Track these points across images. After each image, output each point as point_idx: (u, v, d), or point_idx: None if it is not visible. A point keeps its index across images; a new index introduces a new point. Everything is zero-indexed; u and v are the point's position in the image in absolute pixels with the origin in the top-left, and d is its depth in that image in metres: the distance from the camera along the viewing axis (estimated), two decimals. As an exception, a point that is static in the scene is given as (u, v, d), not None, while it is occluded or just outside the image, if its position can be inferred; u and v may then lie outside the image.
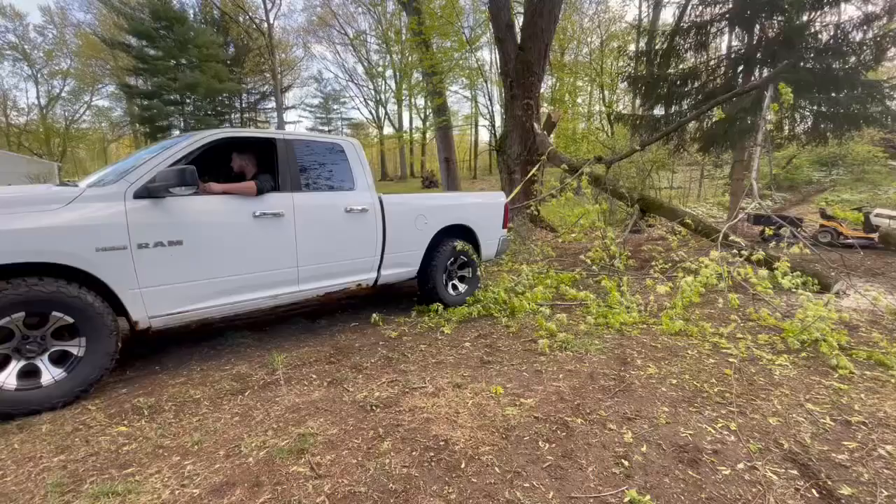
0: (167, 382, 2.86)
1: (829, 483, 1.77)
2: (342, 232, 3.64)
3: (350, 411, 2.41)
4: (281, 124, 34.27)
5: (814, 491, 1.73)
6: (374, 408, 2.44)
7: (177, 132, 35.42)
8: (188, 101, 33.71)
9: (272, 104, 42.98)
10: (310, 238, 3.41)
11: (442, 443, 2.08)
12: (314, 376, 2.89)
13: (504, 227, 5.04)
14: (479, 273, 4.77)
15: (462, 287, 4.65)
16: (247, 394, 2.67)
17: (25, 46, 37.59)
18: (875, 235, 7.86)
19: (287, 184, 3.38)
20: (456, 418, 2.31)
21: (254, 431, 2.23)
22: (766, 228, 8.69)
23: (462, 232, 4.62)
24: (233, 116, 43.74)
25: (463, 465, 1.91)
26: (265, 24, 32.50)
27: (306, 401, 2.55)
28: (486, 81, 23.22)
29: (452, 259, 4.50)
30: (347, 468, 1.91)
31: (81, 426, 2.32)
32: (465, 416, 2.33)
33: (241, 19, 36.84)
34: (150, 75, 32.22)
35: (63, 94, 40.99)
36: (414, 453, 2.01)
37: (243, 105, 44.85)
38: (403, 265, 4.13)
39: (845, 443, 2.05)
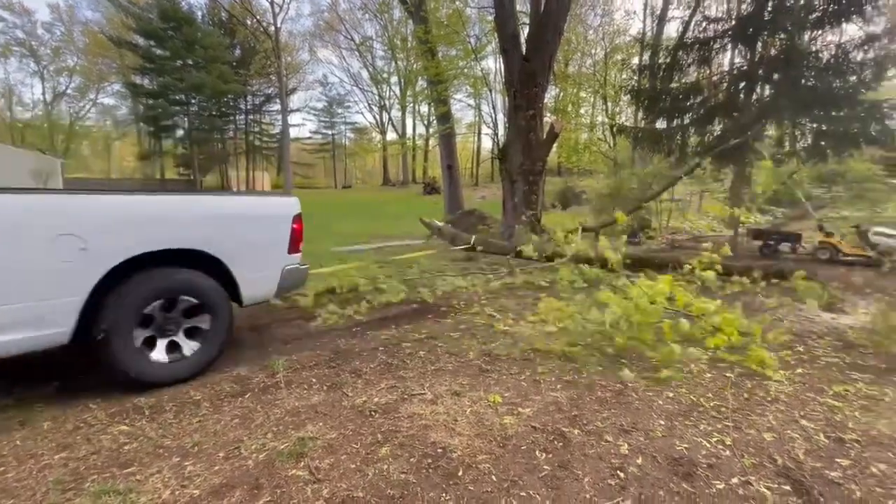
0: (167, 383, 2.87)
1: (822, 500, 1.79)
2: None
3: (349, 416, 2.43)
4: (285, 127, 34.43)
5: (806, 507, 1.75)
6: (373, 413, 2.46)
7: (181, 132, 35.65)
8: (193, 101, 33.97)
9: (277, 106, 43.29)
10: None
11: (440, 450, 2.10)
12: (314, 380, 2.92)
13: (293, 250, 3.46)
14: (228, 323, 3.12)
15: (191, 346, 2.94)
16: (247, 396, 2.69)
17: (32, 43, 37.83)
18: (872, 253, 7.90)
19: None
20: (454, 426, 2.33)
21: (254, 434, 2.25)
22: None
23: (201, 260, 2.98)
24: (237, 118, 44.06)
25: (460, 473, 1.93)
26: (272, 28, 32.74)
27: (306, 405, 2.57)
28: (490, 90, 23.40)
29: (165, 305, 2.82)
30: (346, 473, 1.93)
31: (83, 424, 2.34)
32: (463, 423, 2.35)
33: (248, 22, 37.13)
34: (156, 75, 32.55)
35: (68, 91, 41.22)
36: (412, 460, 2.03)
37: (248, 107, 45.15)
38: (24, 326, 2.36)
39: (838, 460, 2.07)
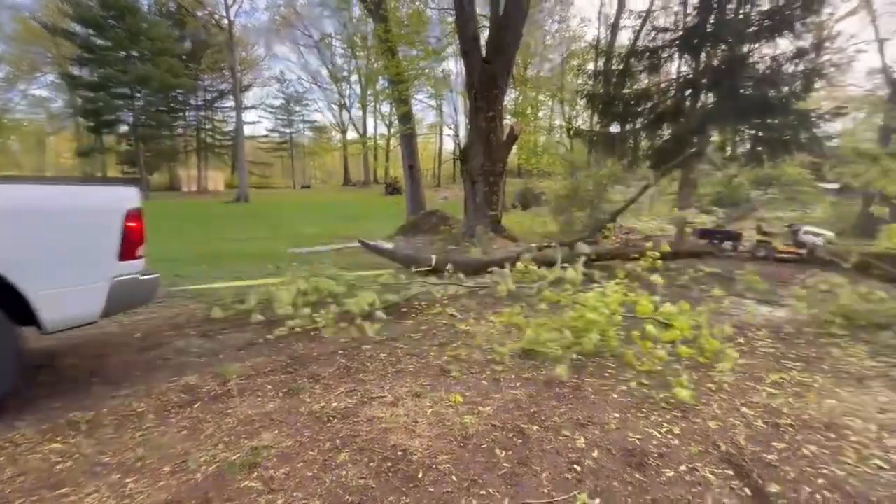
0: (107, 395, 2.69)
1: (760, 482, 1.91)
2: None
3: (306, 423, 2.36)
4: (240, 124, 33.12)
5: (746, 489, 1.86)
6: (331, 419, 2.40)
7: (125, 127, 33.51)
8: (138, 95, 32.02)
9: (230, 103, 41.61)
10: None
11: (400, 453, 2.08)
12: (269, 387, 2.81)
13: (129, 256, 2.78)
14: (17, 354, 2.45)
15: None
16: (196, 406, 2.55)
17: (-48, 27, 34.48)
18: (804, 251, 8.56)
19: None
20: (414, 428, 2.31)
21: (203, 445, 2.14)
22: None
23: None
24: (188, 114, 41.95)
25: (420, 475, 1.91)
26: (225, 21, 31.42)
27: (260, 412, 2.47)
28: (451, 91, 23.56)
29: None
30: (302, 481, 1.87)
31: (8, 444, 2.14)
32: (423, 425, 2.34)
33: (198, 14, 35.46)
34: (96, 66, 30.46)
35: (-5, 81, 37.75)
36: (371, 464, 1.99)
37: (199, 102, 43.12)
38: None
39: (774, 444, 2.21)
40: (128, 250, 2.76)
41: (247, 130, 40.66)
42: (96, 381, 2.90)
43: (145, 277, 2.91)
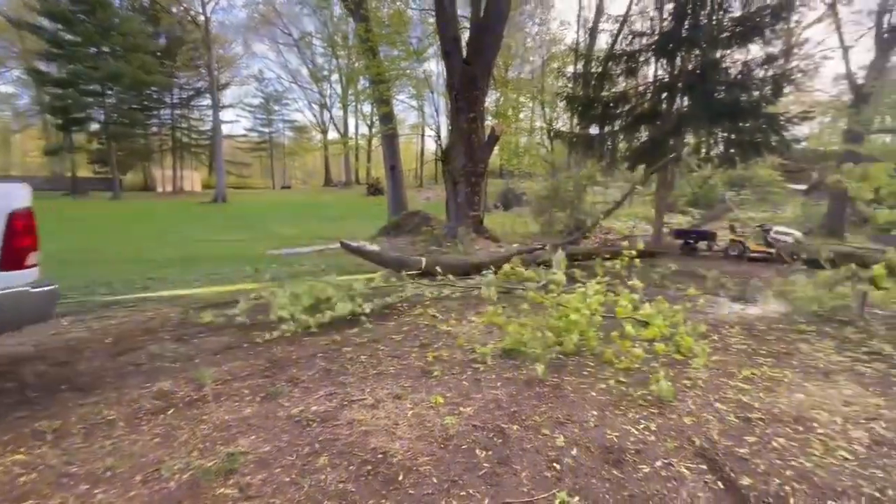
0: (76, 402, 2.60)
1: (732, 475, 1.96)
2: None
3: (285, 427, 2.32)
4: (217, 123, 32.40)
5: (719, 483, 1.91)
6: (310, 422, 2.36)
7: (96, 125, 32.40)
8: (110, 92, 30.99)
9: (207, 101, 40.71)
10: None
11: (380, 456, 2.06)
12: (246, 391, 2.76)
13: (13, 264, 2.41)
14: None
15: None
16: (170, 412, 2.49)
17: None
18: (773, 250, 8.85)
19: None
20: (395, 430, 2.30)
21: (177, 453, 2.08)
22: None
23: None
24: (162, 112, 40.85)
25: (400, 478, 1.90)
26: (201, 17, 30.71)
27: (237, 418, 2.42)
28: (432, 92, 23.50)
29: None
30: (280, 487, 1.84)
31: (-33, 456, 2.05)
32: (404, 427, 2.33)
33: (173, 10, 34.57)
34: (65, 61, 29.33)
35: (-45, 76, 36.10)
36: (351, 468, 1.97)
37: (175, 100, 42.04)
38: None
39: (746, 437, 2.28)
40: (12, 258, 2.36)
41: (224, 129, 39.90)
42: (64, 388, 2.79)
43: (37, 290, 2.48)
